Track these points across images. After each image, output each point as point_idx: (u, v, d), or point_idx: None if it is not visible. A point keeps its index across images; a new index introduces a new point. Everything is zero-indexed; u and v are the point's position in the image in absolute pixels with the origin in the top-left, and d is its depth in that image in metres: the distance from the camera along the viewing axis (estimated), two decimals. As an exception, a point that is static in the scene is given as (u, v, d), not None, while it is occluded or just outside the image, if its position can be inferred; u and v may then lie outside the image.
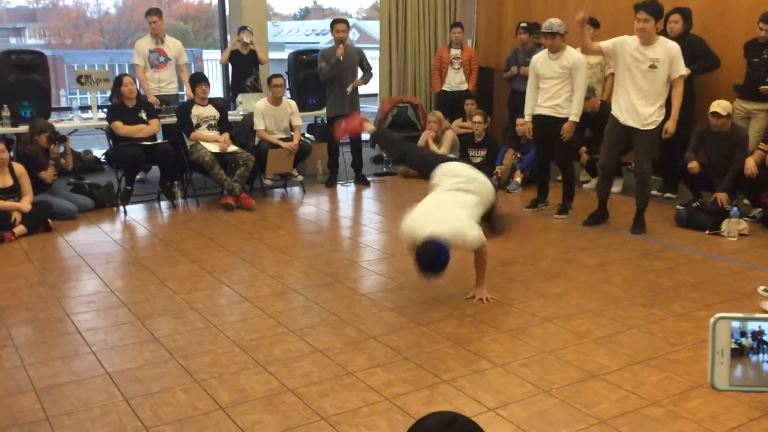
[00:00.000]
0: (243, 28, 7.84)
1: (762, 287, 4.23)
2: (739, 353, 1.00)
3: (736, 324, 1.01)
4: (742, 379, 1.01)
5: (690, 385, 3.05)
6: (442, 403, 2.92)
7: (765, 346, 1.00)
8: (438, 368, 3.23)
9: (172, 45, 7.40)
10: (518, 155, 7.22)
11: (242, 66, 7.87)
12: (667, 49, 5.16)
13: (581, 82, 5.66)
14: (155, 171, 6.87)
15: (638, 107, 5.26)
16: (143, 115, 6.49)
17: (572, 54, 5.68)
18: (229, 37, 9.02)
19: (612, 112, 5.44)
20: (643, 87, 5.22)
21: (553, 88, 5.73)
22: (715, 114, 5.69)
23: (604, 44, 5.36)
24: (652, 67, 5.16)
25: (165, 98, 7.22)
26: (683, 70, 5.20)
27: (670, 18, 6.41)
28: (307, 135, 8.32)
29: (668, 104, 5.29)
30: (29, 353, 3.39)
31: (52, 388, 3.05)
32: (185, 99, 7.30)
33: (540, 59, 5.81)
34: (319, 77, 7.15)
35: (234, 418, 2.80)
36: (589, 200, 6.14)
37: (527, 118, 6.03)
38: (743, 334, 0.99)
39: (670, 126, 5.26)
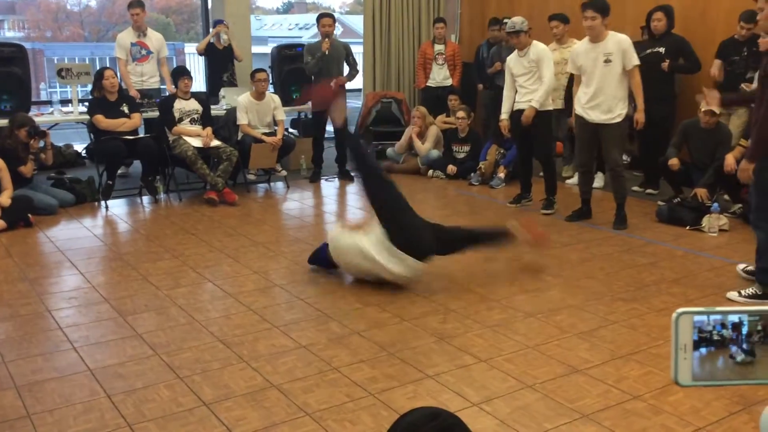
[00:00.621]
0: (219, 22, 7.79)
1: (741, 265, 4.34)
2: (720, 344, 1.01)
3: (717, 317, 1.02)
4: (709, 374, 1.02)
5: (671, 380, 3.07)
6: (427, 398, 2.93)
7: (742, 338, 1.01)
8: (422, 363, 3.24)
9: (154, 38, 7.33)
10: (502, 151, 7.25)
11: (218, 60, 7.84)
12: (618, 41, 5.28)
13: (547, 72, 5.75)
14: (137, 166, 6.81)
15: (600, 103, 5.36)
16: (125, 108, 6.44)
17: (537, 47, 5.81)
18: (211, 30, 8.97)
19: (576, 113, 5.52)
20: (601, 82, 5.33)
21: (527, 84, 5.83)
22: (709, 112, 5.74)
23: (574, 71, 5.55)
24: (607, 61, 5.29)
25: (147, 92, 7.16)
26: (636, 61, 5.31)
27: (654, 16, 6.46)
28: (290, 130, 8.29)
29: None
30: (10, 350, 3.36)
31: (34, 384, 3.02)
32: (167, 93, 7.24)
33: (512, 59, 5.95)
34: (305, 71, 7.12)
35: (218, 414, 2.79)
36: (571, 196, 6.18)
37: (504, 116, 6.06)
38: (723, 325, 1.00)
39: (639, 116, 5.36)
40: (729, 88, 6.30)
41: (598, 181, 6.76)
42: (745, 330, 1.00)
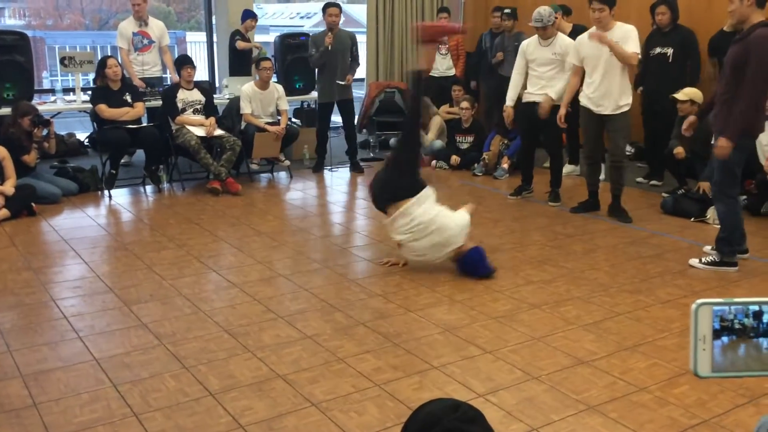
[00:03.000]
0: (251, 15, 7.82)
1: (707, 247, 4.54)
2: (742, 333, 1.00)
3: (737, 306, 1.01)
4: (730, 364, 1.02)
5: (677, 371, 3.08)
6: (432, 389, 2.93)
7: (764, 326, 1.00)
8: (428, 354, 3.24)
9: (156, 27, 7.28)
10: (505, 141, 7.22)
11: (246, 62, 7.83)
12: (624, 31, 5.23)
13: (569, 67, 5.68)
14: (140, 155, 6.79)
15: (605, 93, 5.31)
16: (128, 98, 6.41)
17: (564, 40, 5.73)
18: (214, 18, 8.93)
19: (582, 104, 5.47)
20: (606, 72, 5.28)
21: (547, 74, 5.73)
22: (687, 102, 5.77)
23: (575, 63, 5.48)
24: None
25: (149, 81, 7.12)
26: (636, 48, 5.24)
27: (657, 10, 6.41)
28: (293, 119, 8.26)
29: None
30: (15, 339, 3.36)
31: (39, 374, 3.02)
32: (169, 81, 7.20)
33: (532, 45, 5.80)
34: (309, 62, 7.08)
35: (224, 404, 2.79)
36: (567, 186, 6.15)
37: (509, 103, 6.00)
38: (746, 314, 0.99)
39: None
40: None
41: (568, 168, 6.96)
42: (765, 318, 1.00)
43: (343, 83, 6.90)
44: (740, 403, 2.82)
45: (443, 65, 8.33)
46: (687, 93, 5.85)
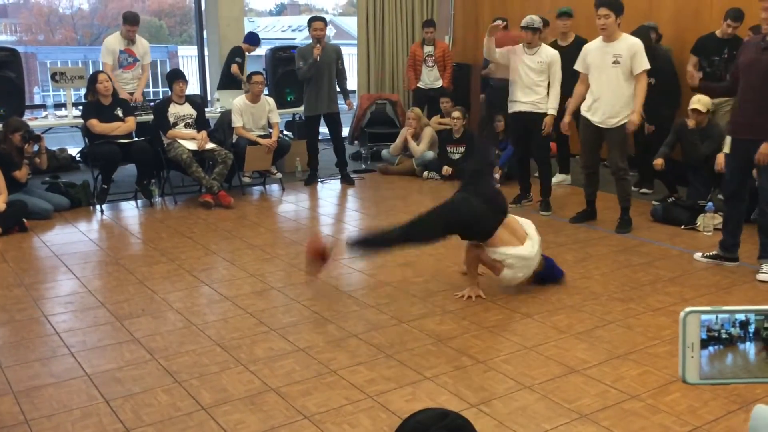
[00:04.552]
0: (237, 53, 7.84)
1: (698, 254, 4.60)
2: (729, 342, 1.01)
3: (725, 315, 1.02)
4: (717, 372, 1.03)
5: (668, 379, 3.09)
6: (425, 399, 2.93)
7: (750, 335, 1.01)
8: (420, 365, 3.24)
9: (141, 46, 7.29)
10: (497, 151, 7.25)
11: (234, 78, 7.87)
12: (630, 45, 5.24)
13: (557, 76, 5.76)
14: (123, 171, 6.77)
15: (606, 105, 5.32)
16: (119, 112, 6.42)
17: (548, 50, 5.83)
18: (205, 33, 8.96)
19: (582, 113, 5.50)
20: (606, 83, 5.29)
21: (530, 81, 5.80)
22: (696, 111, 5.78)
23: (581, 71, 5.49)
24: (615, 62, 5.24)
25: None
26: (646, 65, 5.25)
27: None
28: (285, 132, 8.28)
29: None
30: (7, 355, 3.35)
31: (31, 390, 3.01)
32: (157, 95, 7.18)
33: (517, 49, 5.86)
34: (297, 75, 7.11)
35: (216, 418, 2.79)
36: (559, 195, 6.18)
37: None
38: (732, 324, 1.01)
39: (634, 117, 5.28)
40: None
41: (558, 178, 7.09)
42: (752, 328, 1.01)
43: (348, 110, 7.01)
44: (731, 409, 2.83)
45: (430, 77, 8.37)
46: (705, 103, 5.82)
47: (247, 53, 7.99)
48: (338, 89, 7.13)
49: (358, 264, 4.78)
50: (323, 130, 7.38)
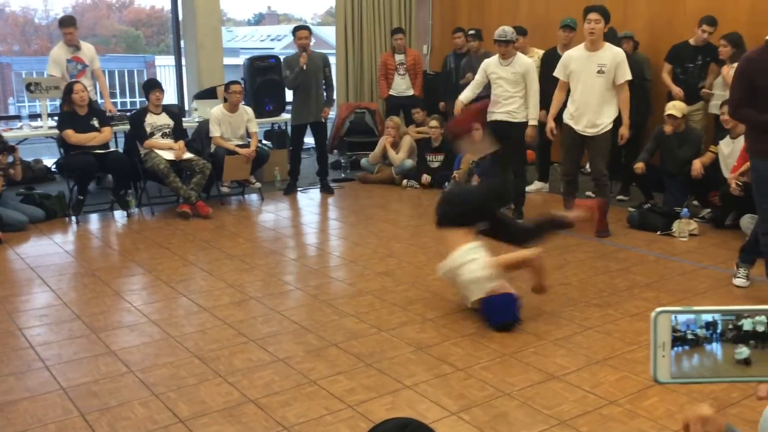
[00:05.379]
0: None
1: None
2: (695, 343, 1.03)
3: (690, 316, 1.03)
4: (686, 371, 1.04)
5: (646, 384, 3.11)
6: (405, 408, 2.93)
7: (716, 336, 1.03)
8: (400, 374, 3.24)
9: (87, 51, 7.20)
10: (475, 159, 7.28)
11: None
12: (614, 54, 5.29)
13: (535, 86, 5.78)
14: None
15: (588, 113, 5.37)
16: (95, 122, 6.36)
17: (523, 60, 5.85)
18: (183, 42, 8.92)
19: (564, 120, 5.54)
20: (590, 92, 5.34)
21: (506, 93, 5.82)
22: (671, 116, 5.86)
23: (561, 78, 5.52)
24: (600, 72, 5.28)
25: None
26: (628, 75, 5.32)
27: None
28: (264, 141, 8.26)
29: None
30: (-21, 370, 3.29)
31: (5, 405, 2.96)
32: (102, 107, 7.09)
33: (494, 64, 5.89)
34: (283, 85, 7.10)
35: (194, 430, 2.76)
36: (536, 202, 6.22)
37: (460, 101, 6.01)
38: (700, 326, 1.02)
39: (624, 131, 5.37)
40: (685, 93, 6.38)
41: (536, 185, 7.17)
42: (719, 329, 1.02)
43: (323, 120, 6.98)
44: (708, 413, 2.85)
45: (402, 85, 8.40)
46: (680, 109, 5.92)
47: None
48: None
49: (337, 273, 4.77)
50: (307, 139, 7.37)
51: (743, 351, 1.02)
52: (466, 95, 6.06)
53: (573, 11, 7.20)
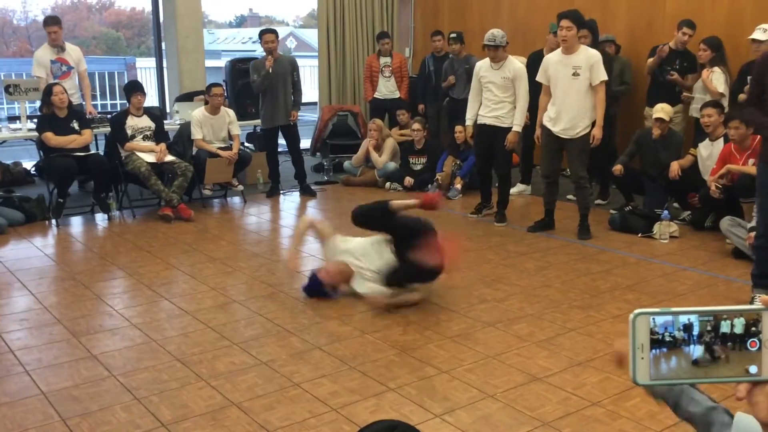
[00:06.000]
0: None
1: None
2: (672, 345, 1.03)
3: (668, 318, 1.04)
4: (665, 373, 1.05)
5: (628, 385, 3.13)
6: (389, 411, 2.93)
7: (694, 338, 1.03)
8: (384, 376, 3.23)
9: (73, 52, 7.12)
10: (458, 162, 7.31)
11: None
12: (588, 56, 5.35)
13: (523, 92, 5.76)
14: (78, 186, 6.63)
15: (566, 116, 5.42)
16: (75, 125, 6.30)
17: (514, 64, 5.81)
18: (164, 44, 8.87)
19: (543, 123, 5.58)
20: (566, 95, 5.39)
21: (496, 98, 5.82)
22: (660, 119, 5.91)
23: (543, 82, 5.55)
24: (575, 74, 5.33)
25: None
26: (604, 76, 5.36)
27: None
28: (246, 144, 8.23)
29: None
30: (-43, 375, 3.25)
31: (-16, 411, 2.92)
32: (84, 109, 7.04)
33: (484, 67, 5.88)
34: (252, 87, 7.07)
35: (177, 435, 2.74)
36: (519, 205, 6.25)
37: (469, 122, 6.10)
38: (677, 328, 1.03)
39: (597, 132, 5.41)
40: (660, 95, 6.43)
41: (519, 188, 7.20)
42: (696, 331, 1.03)
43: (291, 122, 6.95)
44: (689, 413, 2.88)
45: (387, 88, 8.41)
46: (667, 112, 5.96)
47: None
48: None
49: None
50: (281, 141, 7.35)
51: (697, 350, 1.03)
52: (469, 116, 6.05)
53: (553, 15, 7.24)
